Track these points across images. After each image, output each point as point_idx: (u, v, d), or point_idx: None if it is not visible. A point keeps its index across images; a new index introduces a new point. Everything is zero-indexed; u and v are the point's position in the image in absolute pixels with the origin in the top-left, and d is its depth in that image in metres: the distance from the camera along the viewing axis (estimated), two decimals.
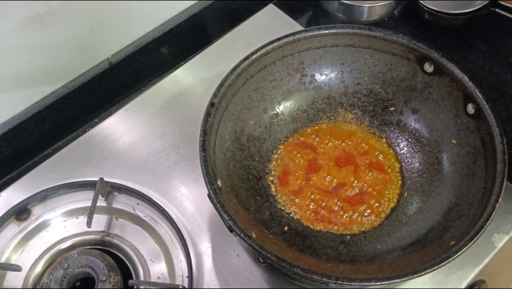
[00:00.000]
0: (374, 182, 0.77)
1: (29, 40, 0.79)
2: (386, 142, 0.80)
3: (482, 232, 0.60)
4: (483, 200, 0.64)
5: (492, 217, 0.61)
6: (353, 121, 0.82)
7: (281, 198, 0.76)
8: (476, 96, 0.69)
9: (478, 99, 0.69)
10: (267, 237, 0.69)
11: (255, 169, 0.77)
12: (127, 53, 0.92)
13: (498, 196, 0.62)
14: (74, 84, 0.89)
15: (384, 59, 0.78)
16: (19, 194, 0.79)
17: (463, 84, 0.71)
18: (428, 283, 0.72)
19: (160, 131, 0.86)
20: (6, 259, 0.75)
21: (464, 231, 0.63)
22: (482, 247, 0.73)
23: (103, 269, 0.70)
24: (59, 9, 0.79)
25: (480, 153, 0.69)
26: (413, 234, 0.70)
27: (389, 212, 0.75)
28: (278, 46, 0.76)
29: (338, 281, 0.58)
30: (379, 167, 0.78)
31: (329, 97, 0.82)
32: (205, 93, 0.87)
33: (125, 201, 0.79)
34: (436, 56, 0.73)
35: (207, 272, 0.74)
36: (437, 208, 0.71)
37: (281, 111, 0.81)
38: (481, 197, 0.65)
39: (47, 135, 0.89)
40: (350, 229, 0.74)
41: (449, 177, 0.73)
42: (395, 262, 0.66)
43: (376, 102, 0.81)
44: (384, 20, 0.97)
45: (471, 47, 0.94)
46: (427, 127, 0.78)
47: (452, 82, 0.73)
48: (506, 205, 0.76)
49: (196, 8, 0.97)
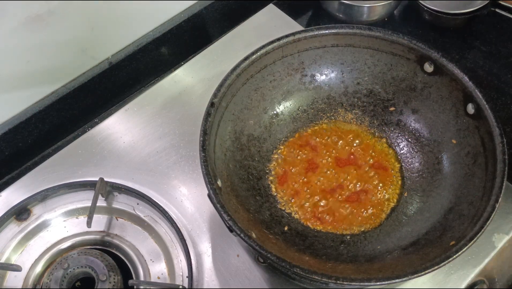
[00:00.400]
0: (374, 182, 0.77)
1: (29, 40, 0.79)
2: (386, 142, 0.80)
3: (482, 232, 0.60)
4: (483, 200, 0.64)
5: (492, 217, 0.61)
6: (353, 121, 0.82)
7: (281, 198, 0.76)
8: (476, 96, 0.69)
9: (478, 99, 0.69)
10: (267, 237, 0.69)
11: (255, 169, 0.77)
12: (127, 53, 0.92)
13: (498, 196, 0.62)
14: (74, 84, 0.89)
15: (384, 59, 0.78)
16: (19, 194, 0.79)
17: (463, 84, 0.71)
18: (428, 283, 0.72)
19: (160, 131, 0.86)
20: (6, 259, 0.75)
21: (464, 231, 0.63)
22: (482, 247, 0.73)
23: (103, 269, 0.70)
24: (59, 9, 0.79)
25: (480, 153, 0.69)
26: (413, 234, 0.70)
27: (389, 212, 0.75)
28: (278, 46, 0.76)
29: (338, 281, 0.58)
30: (380, 167, 0.78)
31: (329, 97, 0.82)
32: (205, 93, 0.87)
33: (125, 201, 0.79)
34: (436, 56, 0.73)
35: (207, 272, 0.74)
36: (437, 208, 0.71)
37: (281, 111, 0.81)
38: (481, 197, 0.65)
39: (47, 135, 0.89)
40: (350, 229, 0.74)
41: (449, 177, 0.73)
42: (395, 262, 0.66)
43: (376, 102, 0.81)
44: (384, 20, 0.97)
45: (471, 47, 0.94)
46: (427, 127, 0.78)
47: (452, 82, 0.73)
48: (506, 205, 0.76)
49: (196, 8, 0.97)
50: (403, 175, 0.77)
